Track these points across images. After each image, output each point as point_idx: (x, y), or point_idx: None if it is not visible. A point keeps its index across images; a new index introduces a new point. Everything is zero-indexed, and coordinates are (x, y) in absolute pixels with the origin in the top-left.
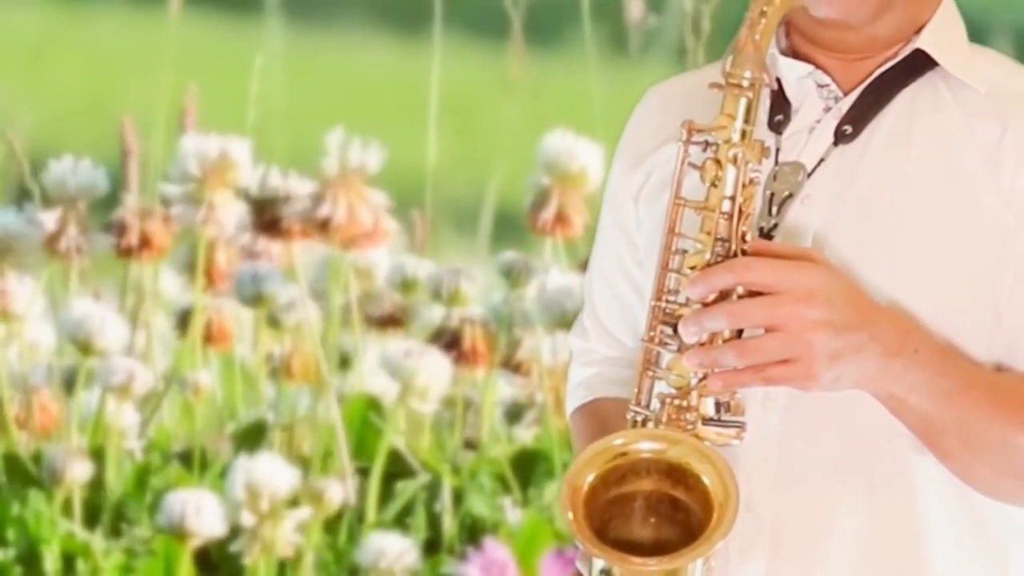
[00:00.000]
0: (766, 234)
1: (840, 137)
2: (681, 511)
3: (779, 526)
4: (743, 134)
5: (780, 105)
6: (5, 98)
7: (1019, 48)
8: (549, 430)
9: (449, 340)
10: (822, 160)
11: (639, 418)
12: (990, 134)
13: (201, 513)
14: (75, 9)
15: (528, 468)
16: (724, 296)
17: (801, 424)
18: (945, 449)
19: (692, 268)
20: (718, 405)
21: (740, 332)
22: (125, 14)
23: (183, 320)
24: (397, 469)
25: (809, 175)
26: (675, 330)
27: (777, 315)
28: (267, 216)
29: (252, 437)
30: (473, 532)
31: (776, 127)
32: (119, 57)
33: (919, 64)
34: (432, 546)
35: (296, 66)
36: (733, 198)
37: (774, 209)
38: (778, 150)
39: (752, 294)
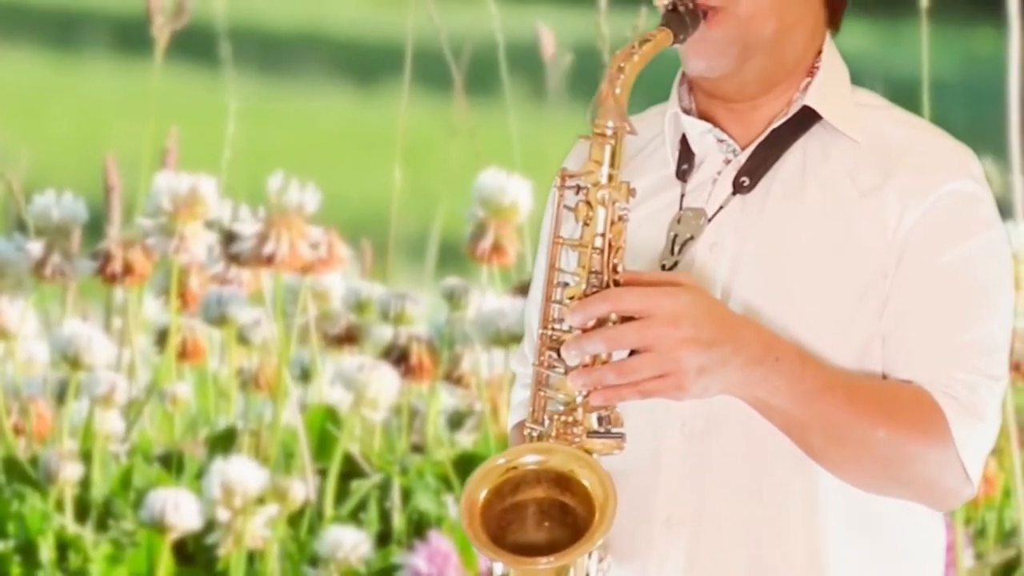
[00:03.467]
0: (667, 270)
1: (739, 188)
2: (570, 514)
3: (696, 538)
4: (610, 177)
5: (685, 156)
6: (4, 141)
7: (901, 97)
8: (487, 435)
9: (397, 356)
10: (722, 207)
11: (534, 433)
12: (872, 181)
13: (179, 509)
14: (66, 62)
15: (469, 469)
16: (601, 322)
17: (715, 447)
18: (812, 446)
19: (571, 298)
20: (600, 419)
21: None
22: (110, 66)
23: (162, 338)
24: (352, 470)
25: (710, 220)
26: (560, 354)
27: (648, 337)
28: (230, 248)
29: (224, 442)
30: (420, 526)
31: (682, 176)
32: (105, 104)
33: (807, 118)
34: (383, 538)
35: (261, 112)
36: (604, 235)
37: (676, 249)
38: (683, 196)
39: (625, 319)
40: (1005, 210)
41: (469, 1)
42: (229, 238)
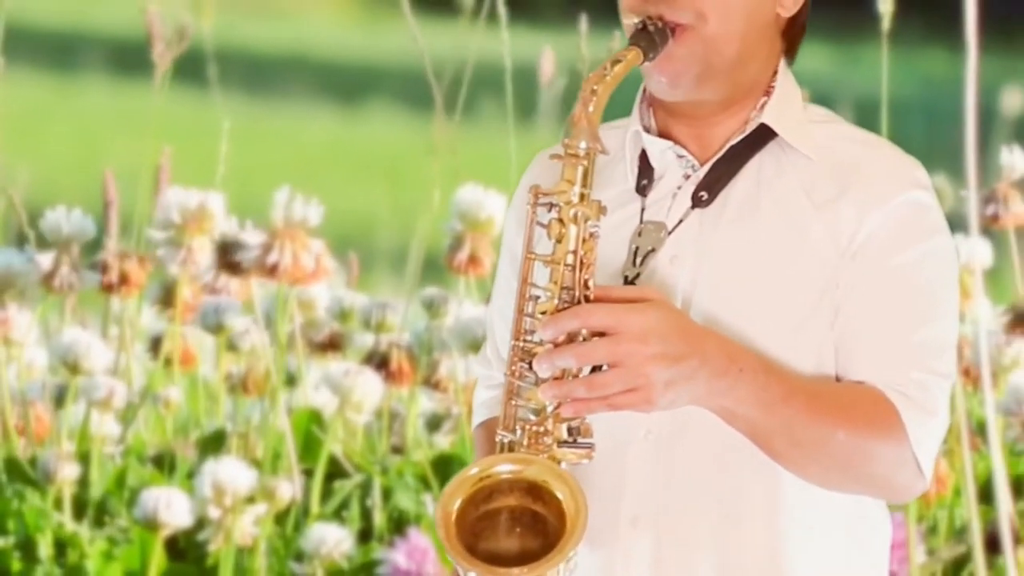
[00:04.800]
0: (630, 282)
1: (697, 202)
2: (540, 522)
3: (661, 538)
4: (581, 196)
5: (645, 171)
6: (6, 158)
7: (861, 116)
8: (464, 437)
9: (379, 362)
10: (681, 220)
11: (505, 440)
12: (826, 194)
13: (171, 508)
14: (67, 83)
15: (446, 469)
16: (572, 337)
17: (679, 452)
18: (776, 450)
19: (543, 313)
20: (571, 429)
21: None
22: (109, 87)
23: (155, 345)
24: (336, 470)
25: (670, 233)
26: (531, 366)
27: (618, 353)
28: (229, 258)
29: (214, 444)
30: (399, 523)
31: (642, 190)
32: (104, 123)
33: (763, 135)
34: (365, 535)
35: (250, 131)
36: (575, 252)
37: (638, 261)
38: (643, 210)
39: (596, 334)
40: (959, 224)
41: (450, 24)
42: (227, 249)
